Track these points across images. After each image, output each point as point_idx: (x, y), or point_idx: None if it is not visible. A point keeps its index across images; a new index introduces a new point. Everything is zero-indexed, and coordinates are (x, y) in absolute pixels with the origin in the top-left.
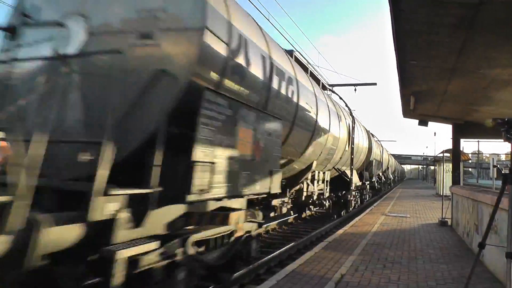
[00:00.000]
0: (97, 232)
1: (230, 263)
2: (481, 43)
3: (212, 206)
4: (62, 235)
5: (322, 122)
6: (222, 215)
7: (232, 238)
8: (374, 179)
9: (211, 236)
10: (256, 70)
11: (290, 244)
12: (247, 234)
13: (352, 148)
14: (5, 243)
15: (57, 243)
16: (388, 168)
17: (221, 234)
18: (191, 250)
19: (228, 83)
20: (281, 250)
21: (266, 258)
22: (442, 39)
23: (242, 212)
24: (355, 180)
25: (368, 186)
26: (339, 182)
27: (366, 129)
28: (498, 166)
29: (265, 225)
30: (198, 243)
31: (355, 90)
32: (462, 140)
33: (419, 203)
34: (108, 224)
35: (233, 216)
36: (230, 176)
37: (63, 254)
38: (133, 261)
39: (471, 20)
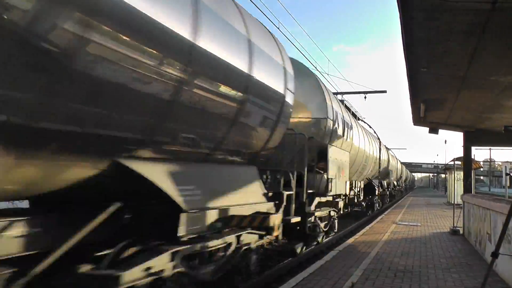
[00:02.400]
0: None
1: None
2: (493, 50)
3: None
4: None
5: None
6: None
7: None
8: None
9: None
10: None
11: None
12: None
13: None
14: None
15: None
16: (389, 171)
17: None
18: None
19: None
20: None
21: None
22: (453, 46)
23: None
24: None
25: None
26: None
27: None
28: (511, 174)
29: None
30: None
31: (365, 97)
32: (473, 148)
33: (430, 211)
34: None
35: None
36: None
37: None
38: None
39: (483, 27)
